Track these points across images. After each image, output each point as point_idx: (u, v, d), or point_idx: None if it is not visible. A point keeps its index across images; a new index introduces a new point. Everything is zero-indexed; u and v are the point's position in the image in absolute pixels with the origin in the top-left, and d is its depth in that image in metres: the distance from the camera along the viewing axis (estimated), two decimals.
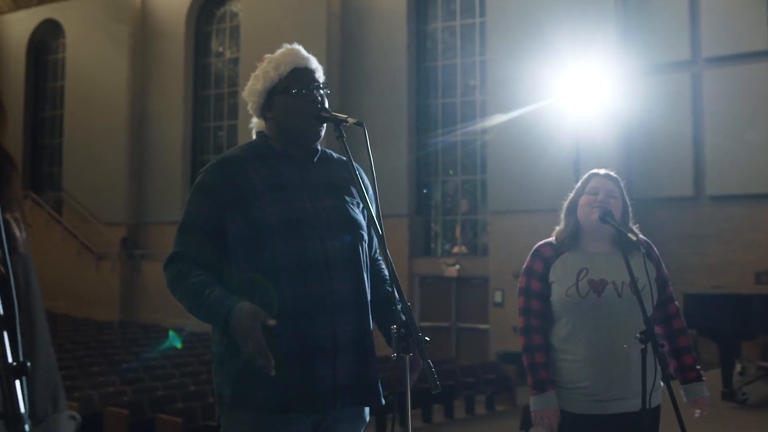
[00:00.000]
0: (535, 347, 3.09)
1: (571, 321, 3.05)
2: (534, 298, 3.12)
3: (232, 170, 2.38)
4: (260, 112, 2.50)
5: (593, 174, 3.22)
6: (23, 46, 23.86)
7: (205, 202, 2.36)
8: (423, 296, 17.76)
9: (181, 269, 2.31)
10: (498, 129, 16.23)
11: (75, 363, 12.17)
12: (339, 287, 2.33)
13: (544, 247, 3.18)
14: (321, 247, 2.33)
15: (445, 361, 14.49)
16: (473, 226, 18.01)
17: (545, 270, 3.12)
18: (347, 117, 2.34)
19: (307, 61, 2.49)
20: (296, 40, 8.19)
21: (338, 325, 2.31)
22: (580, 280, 3.04)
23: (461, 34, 18.20)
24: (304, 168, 2.45)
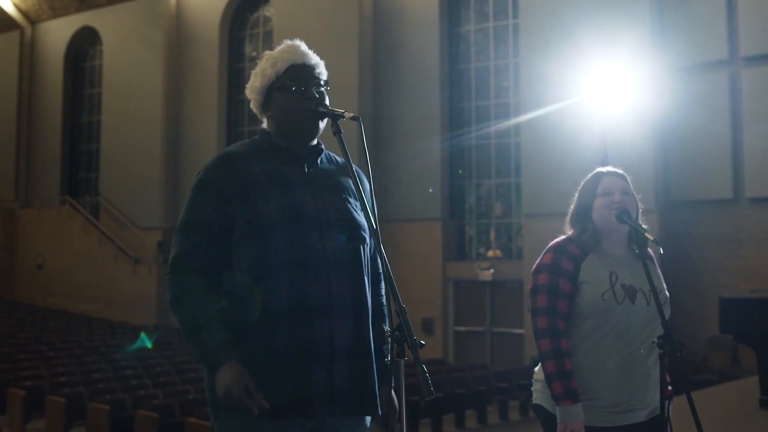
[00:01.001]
0: (564, 353, 2.83)
1: (600, 327, 2.86)
2: (561, 299, 2.87)
3: (234, 165, 2.32)
4: (261, 110, 2.45)
5: (601, 174, 3.04)
6: (61, 53, 24.17)
7: (208, 200, 2.29)
8: (457, 300, 17.64)
9: (185, 288, 2.24)
10: (532, 131, 16.11)
11: (109, 366, 12.25)
12: (337, 288, 2.26)
13: (569, 245, 2.97)
14: (320, 246, 2.27)
15: (478, 366, 14.39)
16: (507, 230, 17.85)
17: (575, 269, 2.90)
18: (344, 112, 2.27)
19: (305, 57, 2.42)
20: (329, 44, 8.20)
21: (335, 329, 2.24)
22: (615, 284, 2.88)
23: (494, 35, 18.08)
24: (307, 166, 2.39)
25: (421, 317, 17.39)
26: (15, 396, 9.87)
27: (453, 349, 17.44)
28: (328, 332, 2.23)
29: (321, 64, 2.45)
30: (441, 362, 14.81)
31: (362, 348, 2.31)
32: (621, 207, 2.90)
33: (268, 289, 2.21)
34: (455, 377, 12.33)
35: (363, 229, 2.37)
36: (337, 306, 2.25)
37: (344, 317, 2.26)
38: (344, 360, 2.25)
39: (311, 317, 2.21)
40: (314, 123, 2.36)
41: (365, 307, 2.33)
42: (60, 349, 14.20)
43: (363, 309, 2.32)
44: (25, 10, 24.41)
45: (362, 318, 2.31)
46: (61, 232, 22.67)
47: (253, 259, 2.24)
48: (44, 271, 23.00)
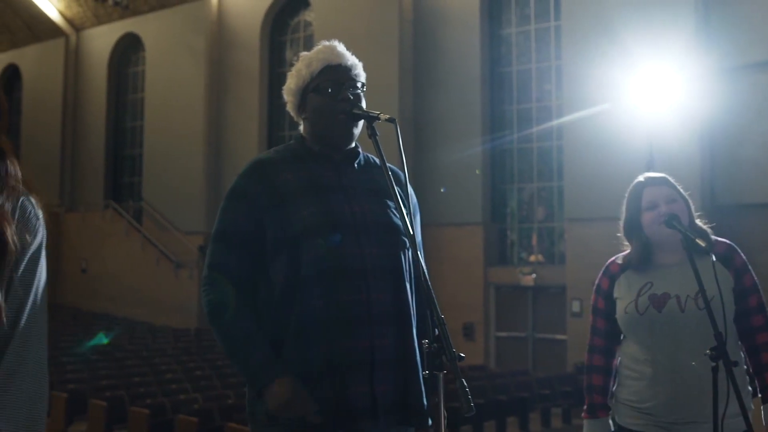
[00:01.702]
0: (593, 368, 2.95)
1: (634, 339, 2.86)
2: (600, 317, 2.97)
3: (266, 173, 2.25)
4: (297, 112, 2.38)
5: (641, 185, 2.93)
6: (105, 59, 24.48)
7: (240, 209, 2.23)
8: (499, 306, 17.46)
9: (220, 300, 2.19)
10: (575, 134, 15.91)
11: (150, 370, 12.31)
12: (378, 297, 2.17)
13: (612, 264, 2.99)
14: (358, 252, 2.18)
15: (520, 373, 14.22)
16: (550, 234, 17.63)
17: (610, 287, 2.94)
18: (379, 113, 2.18)
19: (341, 57, 2.34)
20: (369, 47, 8.12)
21: (376, 338, 2.16)
22: (641, 295, 2.82)
23: (536, 37, 17.88)
24: (342, 170, 2.31)
25: (462, 322, 17.24)
26: (58, 399, 9.95)
27: (494, 355, 17.26)
28: (368, 342, 2.14)
29: (358, 65, 2.38)
30: (482, 368, 14.66)
31: (406, 358, 2.21)
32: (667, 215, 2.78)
33: (303, 299, 2.14)
34: (496, 383, 12.18)
35: (403, 234, 2.26)
36: (378, 315, 2.17)
37: (385, 326, 2.18)
38: (386, 370, 2.17)
39: (350, 327, 2.14)
40: (349, 126, 2.28)
41: (408, 314, 2.24)
42: (102, 352, 14.32)
43: (406, 317, 2.23)
44: (70, 18, 24.77)
45: (405, 326, 2.22)
46: (105, 236, 22.93)
47: (287, 269, 2.17)
48: (88, 275, 23.27)
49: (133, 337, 17.48)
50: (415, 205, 2.41)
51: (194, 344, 16.42)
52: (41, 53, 25.96)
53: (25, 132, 26.73)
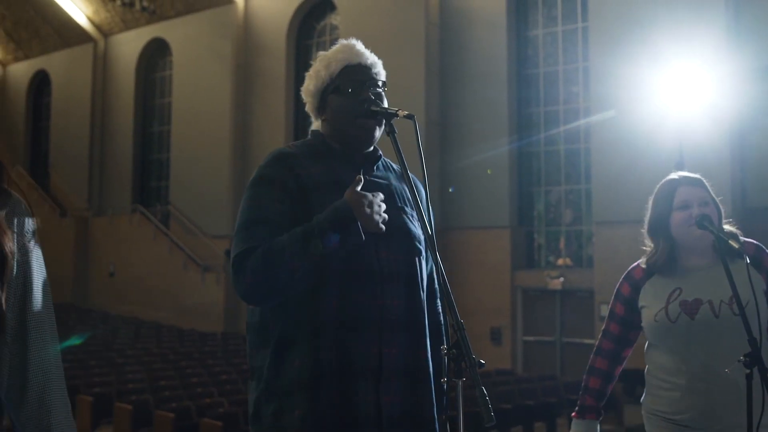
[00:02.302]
0: (594, 371, 2.96)
1: (665, 347, 2.74)
2: (614, 321, 2.93)
3: (290, 163, 2.17)
4: (316, 114, 2.32)
5: (676, 183, 2.82)
6: (133, 64, 24.64)
7: (271, 194, 2.11)
8: (526, 310, 17.31)
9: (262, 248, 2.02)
10: (603, 136, 15.75)
11: (176, 374, 12.32)
12: (391, 303, 2.10)
13: (635, 269, 2.89)
14: (375, 257, 2.11)
15: (548, 377, 14.06)
16: (578, 237, 17.46)
17: (633, 294, 2.85)
18: (398, 110, 2.10)
19: (361, 56, 2.27)
20: (395, 50, 8.00)
21: (385, 345, 2.07)
22: (671, 302, 2.71)
23: (563, 39, 17.73)
24: (363, 171, 2.23)
25: (489, 326, 17.12)
26: (83, 402, 9.98)
27: (521, 359, 17.11)
28: (377, 349, 2.06)
29: (378, 63, 2.31)
30: (509, 373, 14.52)
31: (417, 368, 2.13)
32: (700, 215, 2.69)
33: (317, 299, 2.06)
34: (524, 388, 12.05)
35: (419, 241, 2.21)
36: (389, 321, 2.09)
37: (396, 333, 2.10)
38: (394, 380, 2.08)
39: (360, 331, 2.05)
40: (369, 126, 2.21)
41: (422, 324, 2.16)
42: (129, 356, 14.38)
43: (418, 326, 2.15)
44: (98, 24, 24.98)
45: (417, 335, 2.15)
46: (133, 240, 23.06)
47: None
48: (116, 278, 23.42)
49: (159, 340, 17.55)
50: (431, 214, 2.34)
51: (221, 348, 16.44)
52: (70, 59, 26.21)
53: (54, 137, 27.01)
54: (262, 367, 2.13)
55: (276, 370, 2.08)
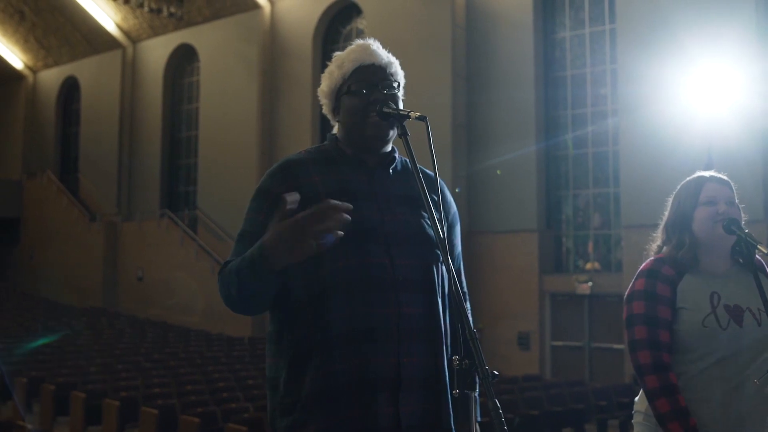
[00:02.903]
0: (676, 389, 2.51)
1: (704, 357, 2.54)
2: (662, 328, 2.56)
3: (293, 174, 2.13)
4: (332, 115, 2.27)
5: (703, 179, 2.71)
6: (160, 70, 24.81)
7: (262, 209, 2.12)
8: (554, 314, 17.14)
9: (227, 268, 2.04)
10: (631, 139, 15.57)
11: (203, 378, 12.33)
12: (407, 311, 2.02)
13: (663, 267, 2.65)
14: (389, 264, 2.04)
15: (576, 383, 13.91)
16: (606, 241, 17.27)
17: (672, 294, 2.59)
18: (410, 111, 2.04)
19: (374, 56, 2.21)
20: (422, 54, 7.93)
21: (403, 356, 2.00)
22: (716, 307, 2.54)
23: (590, 41, 17.56)
24: (376, 176, 2.17)
25: (517, 332, 16.99)
26: (110, 406, 10.00)
27: (550, 364, 16.95)
28: (395, 359, 1.99)
29: (393, 63, 2.24)
30: (537, 378, 14.38)
31: (436, 378, 2.06)
32: (727, 217, 2.58)
33: (326, 311, 2.00)
34: (552, 394, 11.91)
35: (436, 246, 2.12)
36: (407, 330, 2.02)
37: (414, 343, 2.03)
38: (413, 390, 2.01)
39: (375, 342, 1.99)
40: (382, 127, 2.14)
41: (440, 332, 2.09)
42: (156, 360, 14.42)
43: (437, 334, 2.08)
44: (126, 30, 25.18)
45: (436, 344, 2.07)
46: (161, 244, 23.19)
47: (308, 279, 2.04)
48: (144, 282, 23.55)
49: (187, 344, 17.60)
50: (454, 214, 2.28)
51: (248, 353, 16.45)
52: (99, 65, 26.44)
53: (83, 143, 27.26)
54: (277, 378, 2.09)
55: (290, 383, 2.04)
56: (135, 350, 15.87)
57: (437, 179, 2.05)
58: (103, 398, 10.33)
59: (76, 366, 13.31)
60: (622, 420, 11.51)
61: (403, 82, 2.28)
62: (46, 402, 10.92)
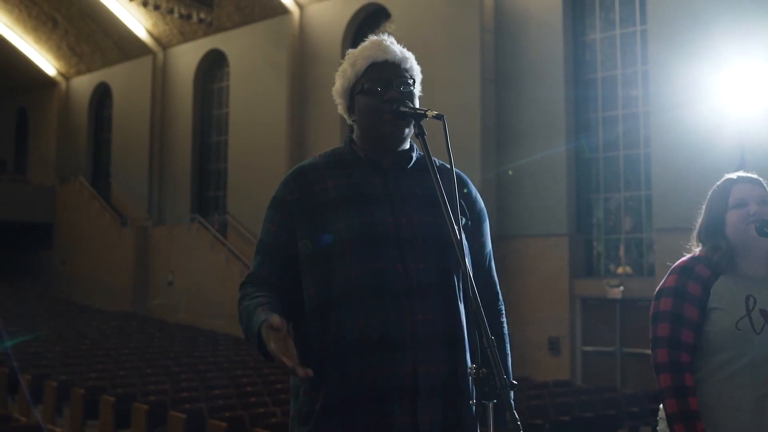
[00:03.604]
0: (687, 390, 2.44)
1: (734, 360, 2.44)
2: (686, 328, 2.49)
3: (306, 181, 2.10)
4: (348, 115, 2.21)
5: (731, 181, 2.63)
6: (191, 76, 24.96)
7: (275, 219, 2.14)
8: (585, 319, 16.95)
9: (244, 293, 2.05)
10: (663, 141, 15.37)
11: (231, 382, 12.33)
12: (424, 318, 1.94)
13: (697, 265, 2.57)
14: (402, 269, 1.96)
15: (608, 389, 13.74)
16: (638, 245, 17.05)
17: (704, 294, 2.50)
18: (427, 110, 1.98)
19: (388, 52, 2.14)
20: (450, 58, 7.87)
21: (420, 364, 1.92)
22: (752, 310, 2.44)
23: (621, 43, 17.37)
24: (391, 177, 2.10)
25: (547, 336, 16.83)
26: (138, 410, 10.02)
27: (581, 370, 16.76)
28: (411, 368, 1.91)
29: (409, 59, 2.17)
30: (568, 384, 14.21)
31: (456, 386, 1.98)
32: (760, 218, 2.48)
33: (339, 319, 1.94)
34: (582, 400, 11.76)
35: (455, 248, 2.01)
36: (423, 337, 1.94)
37: (432, 350, 1.95)
38: (433, 399, 1.93)
39: (390, 351, 1.91)
40: (396, 127, 2.08)
41: (460, 338, 2.00)
42: (185, 364, 14.46)
43: (457, 341, 2.00)
44: (157, 36, 25.37)
45: (456, 351, 1.99)
46: (191, 249, 23.30)
47: (319, 287, 1.99)
48: (174, 287, 23.68)
49: (216, 349, 17.65)
50: (480, 211, 2.19)
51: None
52: (130, 71, 26.67)
53: (115, 148, 27.51)
54: (298, 387, 2.06)
55: (309, 392, 2.00)
56: (164, 354, 15.93)
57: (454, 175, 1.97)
58: (132, 402, 10.35)
59: (105, 370, 13.39)
60: (655, 426, 11.30)
61: (420, 78, 2.21)
62: (75, 406, 10.97)
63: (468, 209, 2.15)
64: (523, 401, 11.12)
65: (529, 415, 10.08)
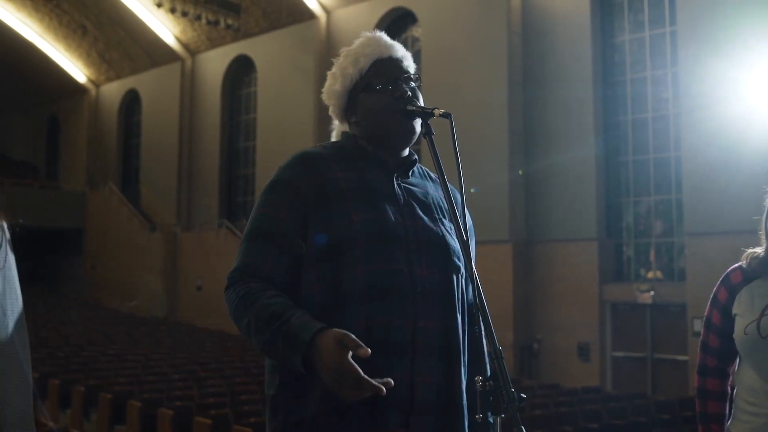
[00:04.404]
0: (708, 393, 2.52)
1: (752, 365, 2.39)
2: (713, 333, 2.53)
3: (315, 165, 1.97)
4: (343, 116, 2.11)
5: None
6: (218, 82, 25.08)
7: (284, 203, 1.92)
8: (615, 324, 16.74)
9: (252, 287, 1.84)
10: (694, 143, 15.13)
11: (258, 388, 12.30)
12: (424, 325, 1.84)
13: (734, 272, 2.53)
14: (408, 273, 1.86)
15: (638, 395, 13.53)
16: (669, 249, 16.81)
17: (729, 300, 2.48)
18: (434, 108, 1.88)
19: (391, 49, 2.06)
20: (477, 61, 7.76)
21: (418, 374, 1.83)
22: (765, 314, 2.36)
23: (650, 45, 17.15)
24: (397, 178, 2.00)
25: (577, 342, 16.64)
26: (164, 415, 10.02)
27: (611, 376, 16.54)
28: (408, 378, 1.82)
29: (408, 56, 2.09)
30: (597, 390, 14.02)
31: (452, 399, 1.88)
32: None
33: (341, 320, 1.81)
34: (612, 407, 11.57)
35: (457, 256, 1.95)
36: (423, 347, 1.84)
37: (430, 361, 1.85)
38: (427, 413, 1.83)
39: (390, 358, 1.81)
40: (408, 126, 1.98)
41: (458, 349, 1.91)
42: (213, 369, 14.47)
43: (455, 352, 1.90)
44: (185, 43, 25.52)
45: (453, 363, 1.89)
46: (219, 254, 23.36)
47: (324, 283, 1.86)
48: (203, 292, 23.76)
49: (244, 354, 17.64)
50: (471, 226, 2.07)
51: None
52: (159, 78, 26.87)
53: (144, 154, 27.70)
54: (275, 397, 1.92)
55: (293, 400, 1.86)
56: (192, 359, 15.95)
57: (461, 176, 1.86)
58: (159, 407, 10.36)
59: (133, 375, 13.42)
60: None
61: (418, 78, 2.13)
62: (102, 411, 11.01)
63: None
64: (551, 408, 10.97)
65: (558, 422, 9.94)
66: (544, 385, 14.26)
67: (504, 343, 16.77)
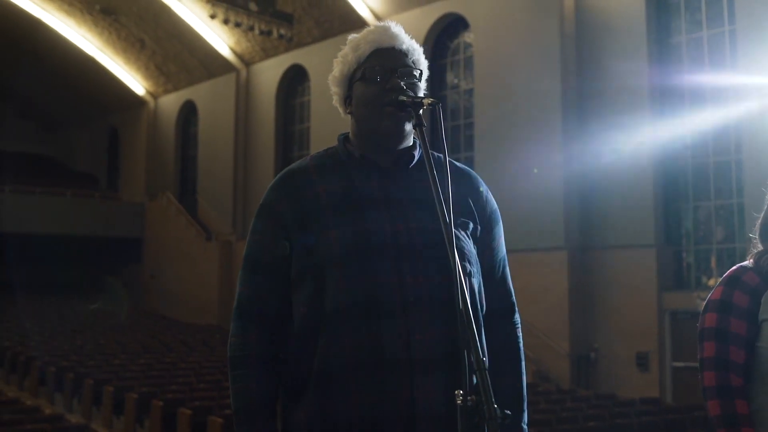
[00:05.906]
0: (740, 419, 2.04)
1: None
2: (735, 345, 2.10)
3: (295, 185, 1.88)
4: (344, 106, 1.99)
5: None
6: (272, 91, 25.25)
7: (266, 229, 1.89)
8: (674, 333, 16.30)
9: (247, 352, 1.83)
10: (756, 146, 14.68)
11: None
12: (421, 338, 1.72)
13: (744, 274, 2.19)
14: (397, 282, 1.74)
15: (698, 407, 13.11)
16: (730, 256, 16.30)
17: (753, 304, 2.11)
18: (424, 98, 1.76)
19: (395, 39, 1.92)
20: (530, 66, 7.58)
21: (419, 390, 1.70)
22: None
23: (708, 44, 16.68)
24: (390, 179, 1.87)
25: (635, 352, 16.24)
26: (214, 423, 10.04)
27: (671, 387, 16.10)
28: (407, 393, 1.70)
29: (417, 50, 1.95)
30: (656, 402, 13.61)
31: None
32: None
33: (327, 340, 1.74)
34: (670, 419, 11.22)
35: (465, 258, 1.80)
36: (422, 360, 1.71)
37: (431, 374, 1.72)
38: (432, 428, 1.70)
39: (383, 375, 1.70)
40: (397, 120, 1.84)
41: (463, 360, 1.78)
42: None
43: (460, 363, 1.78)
44: (240, 54, 25.77)
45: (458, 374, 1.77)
46: None
47: (310, 303, 1.78)
48: None
49: None
50: (492, 213, 1.94)
51: None
52: (214, 89, 27.17)
53: (201, 164, 28.03)
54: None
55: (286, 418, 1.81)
56: None
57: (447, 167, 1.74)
58: (209, 415, 10.37)
59: (186, 383, 13.50)
60: None
61: (427, 74, 1.99)
62: (154, 418, 11.09)
63: (478, 212, 1.92)
64: (606, 419, 10.69)
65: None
66: (601, 395, 13.93)
67: (560, 353, 16.46)
